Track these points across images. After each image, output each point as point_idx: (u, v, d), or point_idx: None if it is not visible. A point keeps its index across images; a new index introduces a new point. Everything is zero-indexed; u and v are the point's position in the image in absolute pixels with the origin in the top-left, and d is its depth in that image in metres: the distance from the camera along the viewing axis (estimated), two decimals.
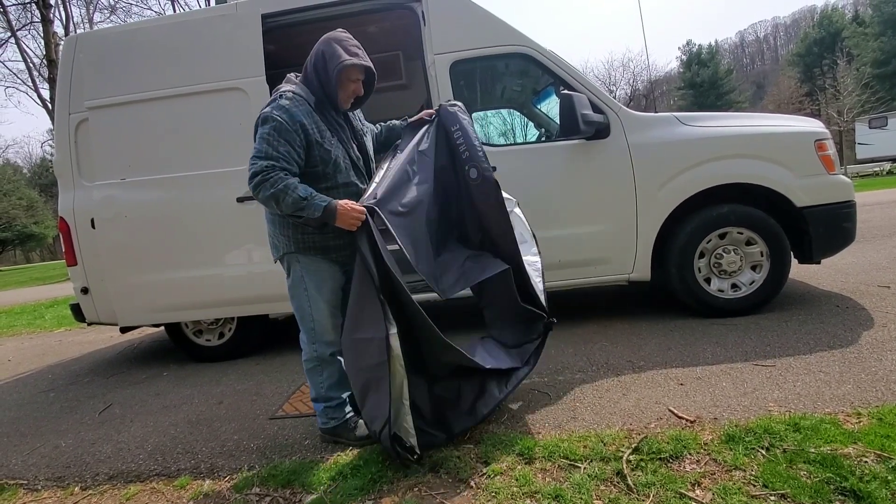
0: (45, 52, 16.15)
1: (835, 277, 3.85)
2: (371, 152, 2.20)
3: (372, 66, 2.02)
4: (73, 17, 18.44)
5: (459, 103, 2.36)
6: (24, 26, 17.40)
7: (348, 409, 2.18)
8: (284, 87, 2.04)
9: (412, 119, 2.38)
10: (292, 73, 2.11)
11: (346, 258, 2.07)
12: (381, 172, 2.09)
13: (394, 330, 1.78)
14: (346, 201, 1.89)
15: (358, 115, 2.22)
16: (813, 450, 1.63)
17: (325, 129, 1.99)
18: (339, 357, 2.11)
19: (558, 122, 3.17)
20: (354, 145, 2.11)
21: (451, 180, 2.27)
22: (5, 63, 28.33)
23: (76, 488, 2.09)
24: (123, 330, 3.81)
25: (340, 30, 2.06)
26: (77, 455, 2.37)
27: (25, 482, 2.19)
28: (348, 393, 2.16)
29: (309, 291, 2.07)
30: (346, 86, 2.00)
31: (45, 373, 4.16)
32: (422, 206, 2.06)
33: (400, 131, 2.38)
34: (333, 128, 2.03)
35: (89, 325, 3.79)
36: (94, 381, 3.66)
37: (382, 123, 2.44)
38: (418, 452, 1.83)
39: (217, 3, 4.05)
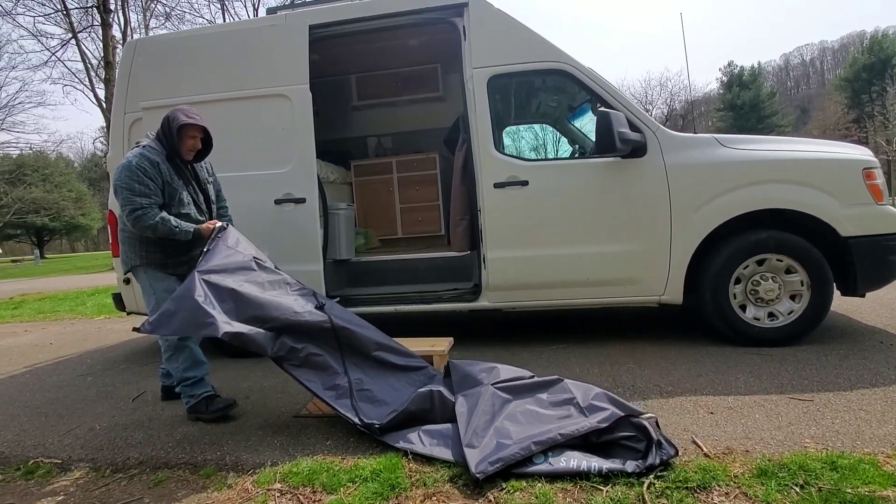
0: (102, 55, 17.07)
1: (879, 312, 3.68)
2: (213, 196, 2.81)
3: (206, 128, 2.60)
4: (130, 22, 19.41)
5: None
6: (84, 29, 18.42)
7: (205, 388, 2.61)
8: (143, 141, 2.59)
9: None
10: (150, 132, 2.65)
11: (182, 272, 2.61)
12: None
13: None
14: (206, 224, 2.58)
15: (205, 167, 2.79)
16: (850, 490, 1.55)
17: (173, 173, 2.56)
18: (189, 344, 2.61)
19: (593, 139, 3.17)
20: (197, 188, 2.70)
21: None
22: (65, 63, 29.98)
23: (108, 470, 2.17)
24: None
25: (186, 105, 2.71)
26: (110, 438, 2.47)
27: (60, 461, 2.28)
28: (204, 373, 2.64)
29: (157, 294, 2.60)
30: (185, 141, 2.55)
31: (84, 357, 4.35)
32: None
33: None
34: (180, 172, 2.60)
35: (129, 314, 3.95)
36: (130, 369, 3.81)
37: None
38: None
39: (267, 13, 4.34)
